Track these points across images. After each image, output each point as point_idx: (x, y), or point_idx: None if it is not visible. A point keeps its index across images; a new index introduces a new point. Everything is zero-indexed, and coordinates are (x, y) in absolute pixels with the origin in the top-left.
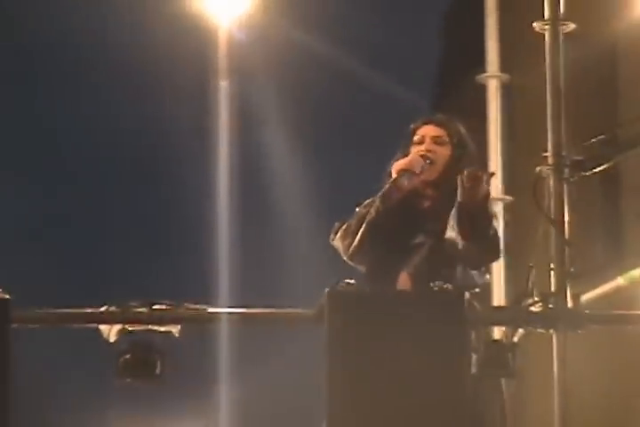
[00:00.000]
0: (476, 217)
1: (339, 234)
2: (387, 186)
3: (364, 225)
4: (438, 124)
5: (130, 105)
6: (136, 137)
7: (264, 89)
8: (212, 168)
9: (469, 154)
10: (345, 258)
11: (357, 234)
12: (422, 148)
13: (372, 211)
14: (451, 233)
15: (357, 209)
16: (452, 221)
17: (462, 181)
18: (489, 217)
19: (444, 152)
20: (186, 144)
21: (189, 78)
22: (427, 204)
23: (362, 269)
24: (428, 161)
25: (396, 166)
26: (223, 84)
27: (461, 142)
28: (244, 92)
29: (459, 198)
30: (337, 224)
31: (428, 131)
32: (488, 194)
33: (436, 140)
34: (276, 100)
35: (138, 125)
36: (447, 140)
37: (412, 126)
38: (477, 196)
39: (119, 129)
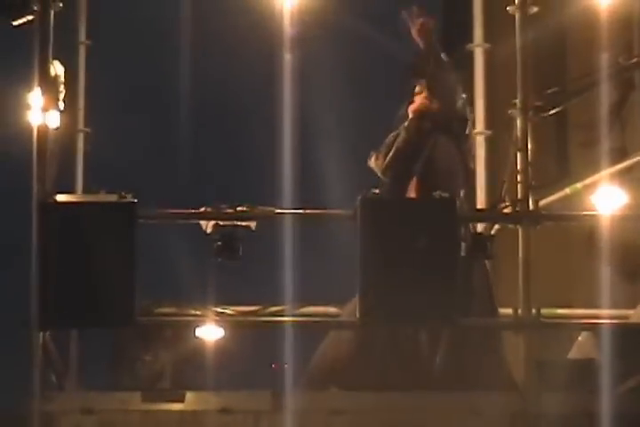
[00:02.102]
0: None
1: (373, 158)
2: (408, 122)
3: (391, 153)
4: None
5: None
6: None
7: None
8: (279, 110)
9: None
10: (379, 174)
11: (387, 156)
12: (423, 94)
13: (396, 144)
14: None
15: (386, 139)
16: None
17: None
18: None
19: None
20: (260, 92)
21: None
22: (430, 127)
23: (388, 180)
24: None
25: (411, 109)
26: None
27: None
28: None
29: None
30: (371, 153)
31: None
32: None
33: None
34: (326, 63)
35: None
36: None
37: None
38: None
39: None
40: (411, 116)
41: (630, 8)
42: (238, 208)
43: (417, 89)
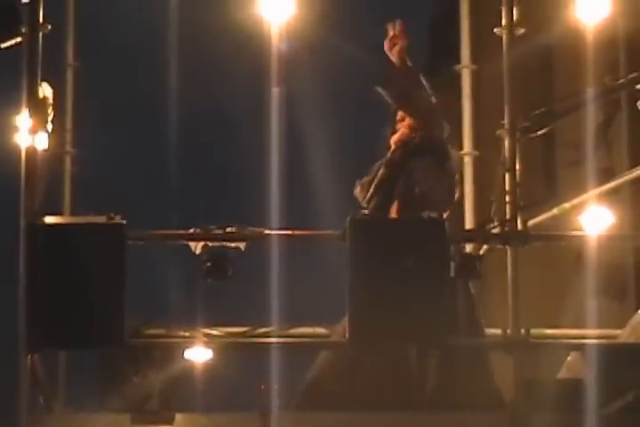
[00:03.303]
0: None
1: (358, 188)
2: (388, 157)
3: (373, 184)
4: None
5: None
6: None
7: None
8: (268, 130)
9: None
10: (363, 204)
11: (370, 188)
12: (405, 123)
13: (379, 176)
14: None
15: (373, 167)
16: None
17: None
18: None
19: None
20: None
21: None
22: (410, 154)
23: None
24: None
25: (392, 140)
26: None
27: None
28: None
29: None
30: (357, 182)
31: None
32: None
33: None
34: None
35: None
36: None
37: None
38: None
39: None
40: (393, 147)
41: (616, 29)
42: (227, 229)
43: (398, 116)
